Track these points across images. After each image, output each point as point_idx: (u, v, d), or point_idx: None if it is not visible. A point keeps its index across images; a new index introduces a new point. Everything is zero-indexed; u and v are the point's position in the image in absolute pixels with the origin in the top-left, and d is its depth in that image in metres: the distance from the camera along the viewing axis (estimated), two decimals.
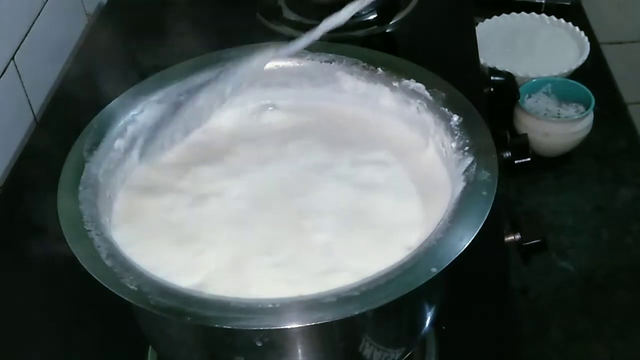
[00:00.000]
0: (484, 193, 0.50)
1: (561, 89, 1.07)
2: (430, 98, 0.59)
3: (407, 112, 0.61)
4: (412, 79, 0.61)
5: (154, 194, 0.59)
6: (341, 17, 0.58)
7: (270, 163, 0.61)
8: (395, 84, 0.61)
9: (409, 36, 1.01)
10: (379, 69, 0.62)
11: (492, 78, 0.97)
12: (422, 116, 0.60)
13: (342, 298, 0.45)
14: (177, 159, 0.62)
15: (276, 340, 0.49)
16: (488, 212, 0.48)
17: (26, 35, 0.93)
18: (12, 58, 0.89)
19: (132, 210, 0.57)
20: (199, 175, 0.60)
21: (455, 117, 0.57)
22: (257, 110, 0.66)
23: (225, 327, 0.45)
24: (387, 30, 1.00)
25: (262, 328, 0.46)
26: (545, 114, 1.05)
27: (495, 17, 1.22)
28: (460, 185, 0.52)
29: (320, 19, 0.57)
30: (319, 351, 0.52)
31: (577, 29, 1.18)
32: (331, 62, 0.63)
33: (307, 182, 0.58)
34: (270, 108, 0.66)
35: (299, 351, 0.50)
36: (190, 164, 0.61)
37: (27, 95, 0.92)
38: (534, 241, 0.74)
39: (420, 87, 0.60)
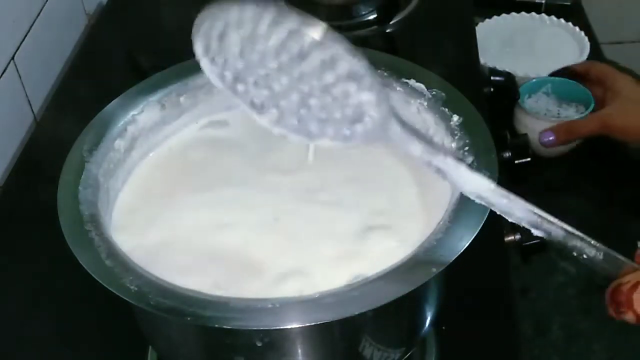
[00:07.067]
0: None
1: (561, 89, 1.07)
2: (430, 98, 0.59)
3: (407, 112, 0.61)
4: (412, 79, 0.61)
5: (154, 193, 0.59)
6: None
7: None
8: (395, 84, 0.61)
9: (409, 36, 1.01)
10: (379, 69, 0.62)
11: (492, 78, 0.97)
12: (422, 116, 0.60)
13: (342, 298, 0.45)
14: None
15: (276, 340, 0.49)
16: (488, 212, 0.48)
17: (26, 35, 0.93)
18: (12, 58, 0.89)
19: (133, 209, 0.57)
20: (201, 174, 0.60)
21: (455, 117, 0.57)
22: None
23: (225, 327, 0.45)
24: (387, 30, 1.00)
25: (262, 328, 0.46)
26: (545, 114, 1.05)
27: (495, 17, 1.22)
28: None
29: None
30: (319, 351, 0.52)
31: (577, 29, 1.18)
32: None
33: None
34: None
35: (299, 351, 0.50)
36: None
37: (27, 95, 0.92)
38: (534, 241, 0.74)
39: (420, 87, 0.60)
